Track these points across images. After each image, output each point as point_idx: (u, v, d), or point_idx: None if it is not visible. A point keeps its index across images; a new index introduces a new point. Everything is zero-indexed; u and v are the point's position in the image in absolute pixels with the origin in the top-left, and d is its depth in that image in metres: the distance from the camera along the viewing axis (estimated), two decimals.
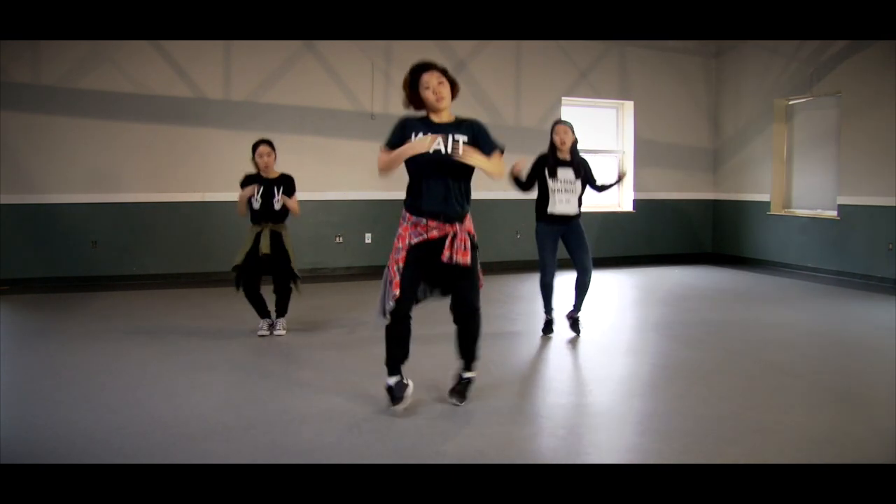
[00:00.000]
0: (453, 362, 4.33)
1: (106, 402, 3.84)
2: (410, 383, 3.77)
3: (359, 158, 8.56)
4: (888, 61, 7.83)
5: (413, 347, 3.71)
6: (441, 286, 3.80)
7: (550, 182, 5.22)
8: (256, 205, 5.32)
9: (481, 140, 3.65)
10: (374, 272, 8.55)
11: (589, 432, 3.47)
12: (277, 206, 5.34)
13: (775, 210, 9.37)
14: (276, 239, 5.36)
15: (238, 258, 5.36)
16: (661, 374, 4.48)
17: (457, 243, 3.58)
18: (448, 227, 3.60)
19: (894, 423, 3.56)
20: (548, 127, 5.73)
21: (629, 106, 9.90)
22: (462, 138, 3.60)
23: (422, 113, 3.72)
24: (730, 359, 4.79)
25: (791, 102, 9.27)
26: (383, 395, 3.86)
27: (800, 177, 9.29)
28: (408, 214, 3.66)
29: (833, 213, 8.59)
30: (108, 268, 7.81)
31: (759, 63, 9.48)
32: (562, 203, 5.22)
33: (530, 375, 4.13)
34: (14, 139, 7.44)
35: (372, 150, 8.42)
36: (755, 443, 3.29)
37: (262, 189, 5.33)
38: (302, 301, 5.93)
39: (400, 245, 3.65)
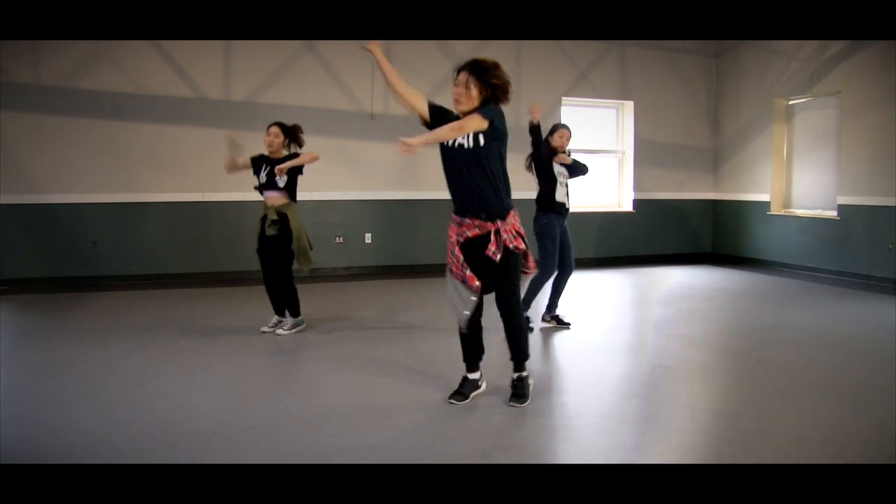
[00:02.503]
0: (457, 361, 4.33)
1: (106, 402, 3.84)
2: (483, 386, 3.83)
3: (359, 158, 8.56)
4: (888, 61, 7.83)
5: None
6: (484, 283, 3.72)
7: (555, 173, 5.49)
8: (263, 179, 5.36)
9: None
10: (374, 272, 8.56)
11: (589, 432, 3.46)
12: (281, 184, 5.30)
13: (775, 210, 9.37)
14: (282, 220, 5.34)
15: (254, 242, 5.46)
16: (661, 374, 4.48)
17: (500, 240, 3.58)
18: (489, 225, 3.60)
19: (894, 423, 3.57)
20: (548, 127, 5.76)
21: (629, 106, 9.89)
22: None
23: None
24: (730, 359, 4.78)
25: (791, 102, 9.27)
26: (383, 396, 3.87)
27: (800, 177, 9.29)
28: (454, 216, 3.70)
29: (833, 213, 8.59)
30: (108, 268, 7.81)
31: (759, 63, 9.48)
32: (562, 195, 5.50)
33: (530, 375, 4.12)
34: (14, 139, 7.44)
35: (372, 150, 8.55)
36: (755, 443, 3.29)
37: (267, 168, 5.34)
38: (303, 302, 5.93)
39: (452, 247, 3.66)
